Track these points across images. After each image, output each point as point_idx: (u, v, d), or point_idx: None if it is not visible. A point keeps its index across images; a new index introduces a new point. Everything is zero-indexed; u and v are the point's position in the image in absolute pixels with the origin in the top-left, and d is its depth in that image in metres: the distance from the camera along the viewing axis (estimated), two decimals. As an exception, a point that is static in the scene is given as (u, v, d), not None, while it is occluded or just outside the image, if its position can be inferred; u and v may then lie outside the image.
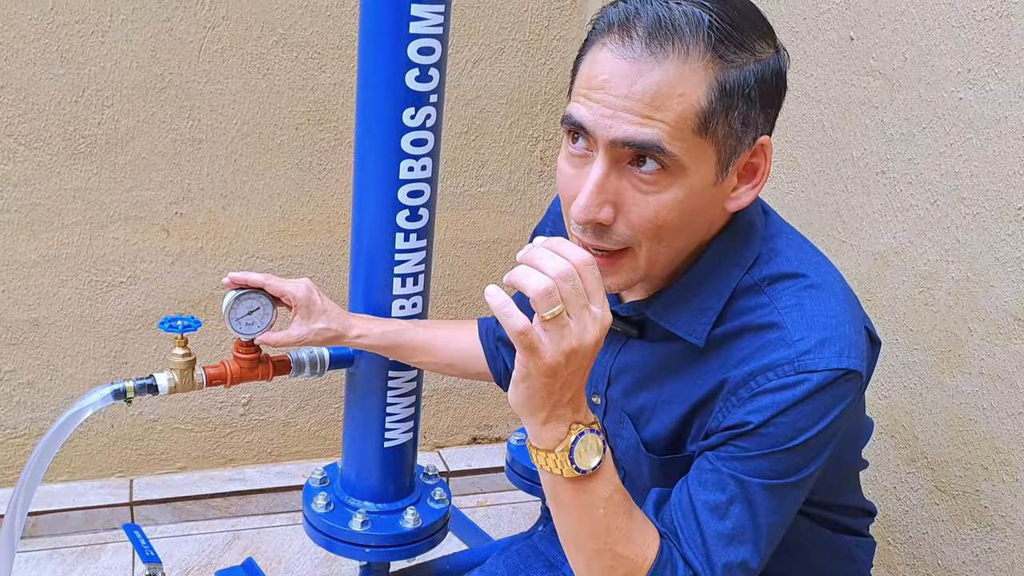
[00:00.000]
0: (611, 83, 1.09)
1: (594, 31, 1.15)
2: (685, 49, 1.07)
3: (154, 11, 2.33)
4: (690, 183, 1.11)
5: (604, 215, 1.12)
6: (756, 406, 1.15)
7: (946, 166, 1.70)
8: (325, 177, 2.58)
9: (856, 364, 1.15)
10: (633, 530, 1.16)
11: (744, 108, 1.11)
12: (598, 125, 1.09)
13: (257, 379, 1.78)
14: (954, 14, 1.67)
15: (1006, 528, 1.64)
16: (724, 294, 1.20)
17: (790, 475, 1.16)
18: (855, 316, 1.20)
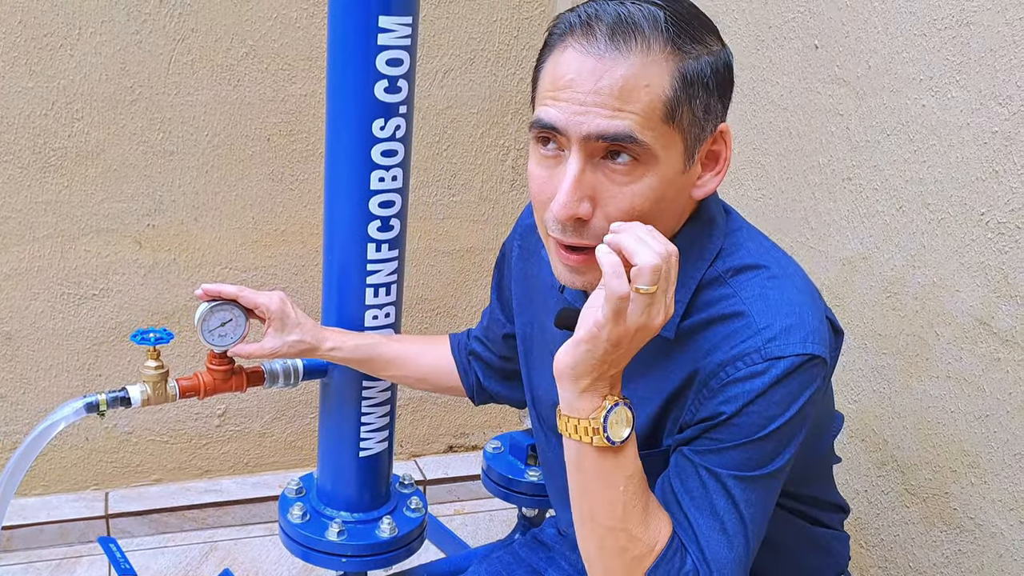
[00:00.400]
0: (578, 81, 1.12)
1: (552, 36, 1.18)
2: (647, 43, 1.12)
3: (123, 24, 2.33)
4: (662, 171, 1.15)
5: (583, 210, 1.14)
6: (727, 396, 1.17)
7: (911, 172, 1.72)
8: (297, 188, 2.59)
9: (820, 350, 1.18)
10: (649, 514, 1.18)
11: (704, 96, 1.16)
12: (570, 123, 1.12)
13: (231, 390, 1.78)
14: (915, 22, 1.69)
15: (975, 530, 1.65)
16: (690, 287, 1.23)
17: (765, 464, 1.19)
18: (816, 305, 1.23)
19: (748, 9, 2.15)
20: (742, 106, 2.18)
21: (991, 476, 1.61)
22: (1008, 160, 1.53)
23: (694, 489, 1.19)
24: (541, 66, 1.20)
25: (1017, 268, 1.53)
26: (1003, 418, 1.57)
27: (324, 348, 1.69)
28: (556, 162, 1.17)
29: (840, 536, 1.52)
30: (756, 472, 1.19)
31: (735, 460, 1.18)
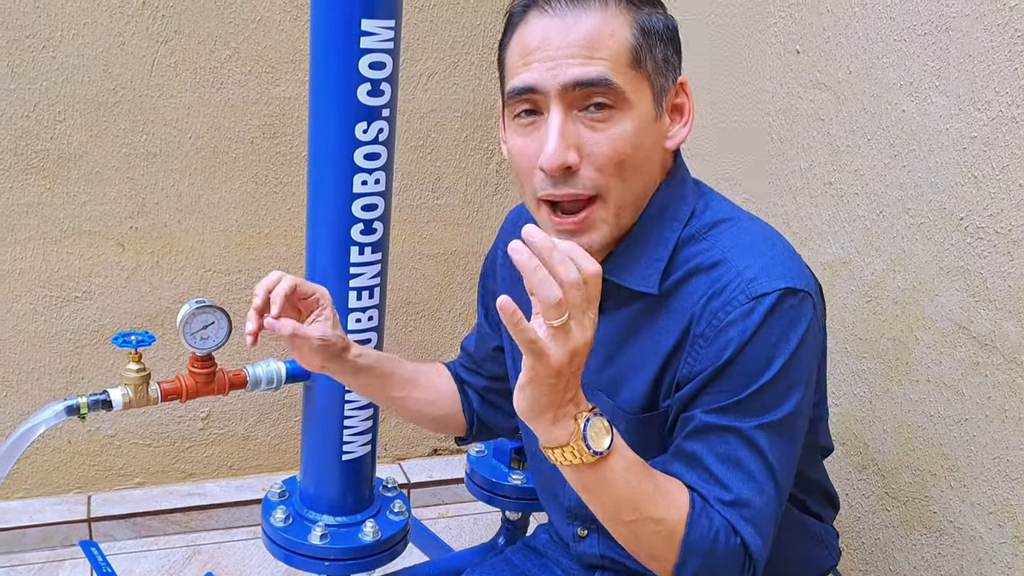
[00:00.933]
0: (547, 41, 1.20)
1: (513, 16, 1.27)
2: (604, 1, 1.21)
3: (105, 25, 2.33)
4: (637, 116, 1.22)
5: (572, 158, 1.20)
6: (721, 342, 1.20)
7: (891, 177, 1.73)
8: (281, 190, 2.58)
9: (802, 284, 1.22)
10: (659, 490, 1.19)
11: (662, 47, 1.25)
12: (546, 77, 1.19)
13: (213, 394, 1.78)
14: (895, 28, 1.70)
15: (955, 533, 1.66)
16: (669, 245, 1.28)
17: (779, 406, 1.21)
18: (791, 248, 1.29)
19: (730, 14, 2.16)
20: (725, 110, 2.19)
21: (970, 480, 1.62)
22: (987, 165, 1.54)
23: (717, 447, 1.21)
24: (505, 48, 1.28)
25: (995, 273, 1.54)
26: (982, 422, 1.58)
27: (353, 351, 1.62)
28: (535, 128, 1.23)
29: (831, 531, 1.54)
30: (772, 416, 1.21)
31: (750, 409, 1.21)
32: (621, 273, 1.30)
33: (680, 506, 1.19)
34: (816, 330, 1.24)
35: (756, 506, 1.21)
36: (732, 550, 1.19)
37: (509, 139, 1.29)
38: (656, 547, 1.20)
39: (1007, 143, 1.50)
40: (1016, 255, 1.50)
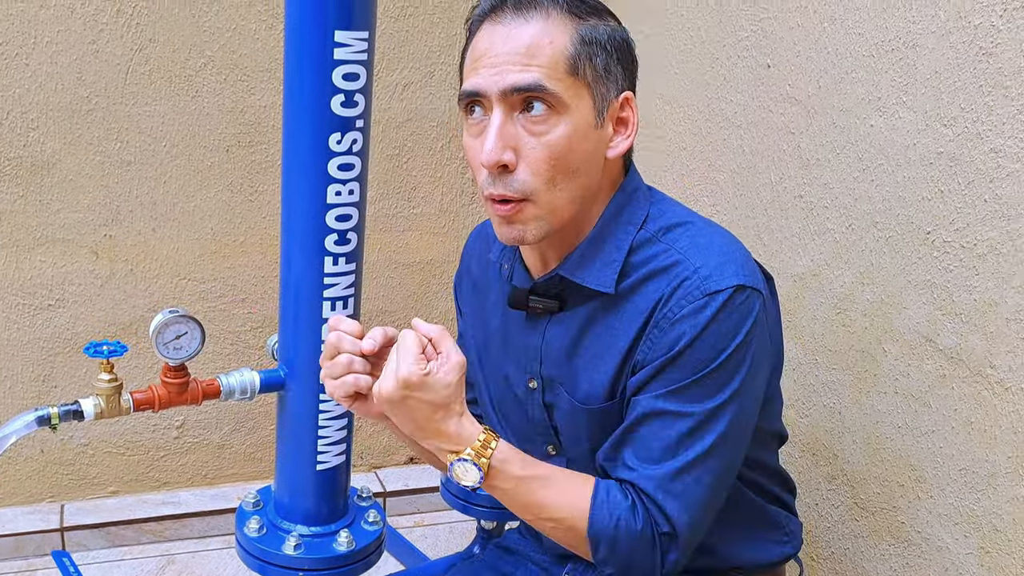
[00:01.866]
0: (491, 48, 1.29)
1: (471, 25, 1.36)
2: (546, 11, 1.29)
3: (79, 33, 2.32)
4: (574, 121, 1.29)
5: (508, 157, 1.28)
6: (676, 334, 1.29)
7: (860, 191, 1.75)
8: (257, 198, 2.58)
9: (753, 281, 1.30)
10: (552, 496, 1.33)
11: (604, 57, 1.31)
12: (489, 82, 1.28)
13: (186, 404, 1.78)
14: (864, 44, 1.72)
15: (922, 544, 1.68)
16: (623, 248, 1.36)
17: (722, 391, 1.30)
18: (743, 249, 1.36)
19: (703, 27, 2.17)
20: (697, 123, 2.21)
21: (937, 491, 1.63)
22: (953, 180, 1.56)
23: (658, 430, 1.31)
24: (464, 55, 1.37)
25: (961, 286, 1.55)
26: (948, 434, 1.60)
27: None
28: (482, 127, 1.31)
29: (793, 520, 1.58)
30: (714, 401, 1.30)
31: (694, 395, 1.29)
32: (579, 273, 1.37)
33: (579, 500, 1.32)
34: (763, 323, 1.32)
35: (685, 483, 1.30)
36: (635, 532, 1.30)
37: (463, 140, 1.37)
38: (566, 540, 1.35)
39: (972, 159, 1.52)
40: (981, 269, 1.52)
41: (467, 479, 1.29)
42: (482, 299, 1.58)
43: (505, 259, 1.49)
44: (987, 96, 1.49)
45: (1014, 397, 1.48)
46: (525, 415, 1.50)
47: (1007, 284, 1.48)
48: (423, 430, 1.29)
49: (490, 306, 1.55)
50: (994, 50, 1.48)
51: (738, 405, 1.31)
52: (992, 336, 1.51)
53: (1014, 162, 1.45)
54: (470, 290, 1.62)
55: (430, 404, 1.26)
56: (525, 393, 1.48)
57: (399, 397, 1.25)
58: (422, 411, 1.27)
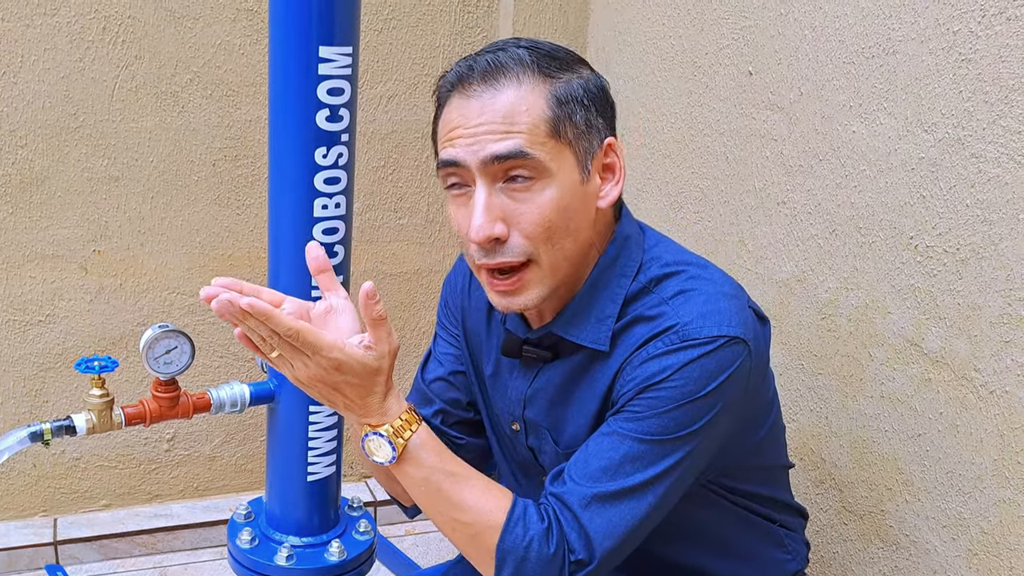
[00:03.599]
0: (464, 120, 1.26)
1: (439, 98, 1.34)
2: (517, 77, 1.27)
3: (66, 51, 2.33)
4: (559, 183, 1.27)
5: (498, 230, 1.26)
6: (648, 372, 1.27)
7: (842, 197, 1.76)
8: (244, 212, 2.59)
9: (738, 332, 1.27)
10: (465, 497, 1.29)
11: (582, 112, 1.29)
12: (467, 153, 1.25)
13: (177, 417, 1.78)
14: (844, 51, 1.73)
15: (910, 547, 1.69)
16: (617, 301, 1.33)
17: (680, 430, 1.26)
18: (736, 296, 1.33)
19: (684, 36, 2.19)
20: (680, 130, 2.22)
21: (924, 494, 1.64)
22: (935, 185, 1.57)
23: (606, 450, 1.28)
24: (436, 123, 1.35)
25: (945, 291, 1.57)
26: (935, 437, 1.61)
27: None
28: (466, 199, 1.29)
29: (795, 537, 1.58)
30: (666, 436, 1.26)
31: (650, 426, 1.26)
32: (572, 331, 1.36)
33: (494, 510, 1.28)
34: (743, 375, 1.29)
35: (614, 508, 1.27)
36: (546, 557, 1.26)
37: (448, 208, 1.35)
38: (468, 548, 1.31)
39: (953, 164, 1.53)
40: (964, 274, 1.53)
41: (379, 455, 1.28)
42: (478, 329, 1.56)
43: None
44: (967, 102, 1.51)
45: (998, 400, 1.49)
46: (516, 451, 1.52)
47: (990, 288, 1.49)
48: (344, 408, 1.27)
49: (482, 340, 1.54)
50: (973, 56, 1.49)
51: (693, 446, 1.28)
52: (976, 340, 1.52)
53: (995, 167, 1.47)
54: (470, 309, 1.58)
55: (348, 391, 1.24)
56: (511, 434, 1.49)
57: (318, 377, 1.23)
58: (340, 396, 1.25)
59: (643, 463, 1.26)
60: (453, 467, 1.31)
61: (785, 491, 1.56)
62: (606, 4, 2.55)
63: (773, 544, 1.53)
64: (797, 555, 1.57)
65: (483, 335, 1.52)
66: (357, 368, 1.22)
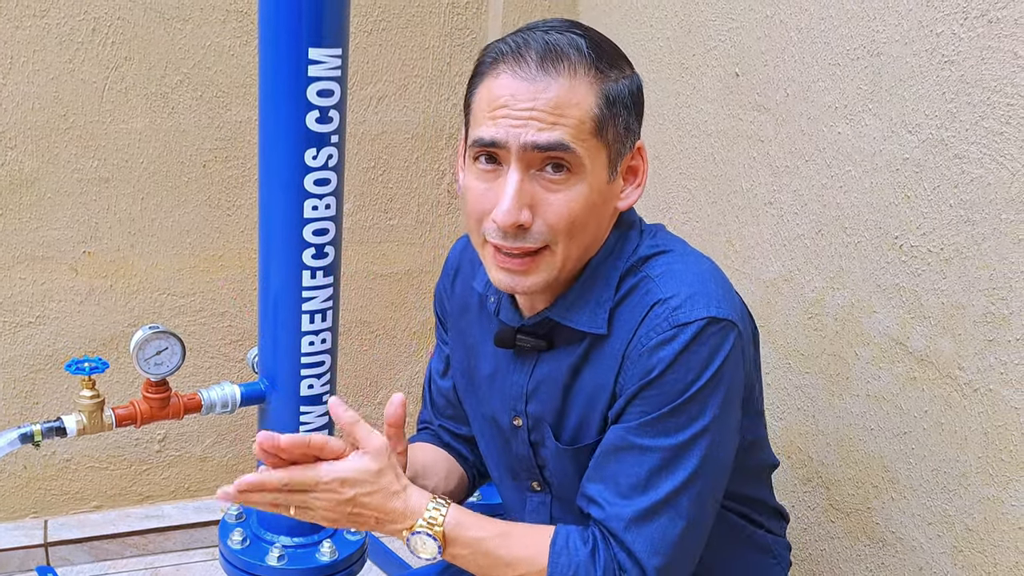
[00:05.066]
0: (514, 100, 1.23)
1: (484, 64, 1.29)
2: (573, 67, 1.24)
3: (56, 53, 2.33)
4: (590, 180, 1.26)
5: (524, 217, 1.24)
6: (645, 367, 1.26)
7: (828, 197, 1.77)
8: (234, 213, 2.60)
9: (726, 313, 1.26)
10: (512, 550, 1.30)
11: (625, 115, 1.29)
12: (509, 135, 1.23)
13: (167, 418, 1.79)
14: (830, 53, 1.75)
15: (896, 544, 1.70)
16: (612, 284, 1.34)
17: (692, 424, 1.26)
18: (722, 280, 1.33)
19: (672, 37, 2.20)
20: (668, 131, 2.23)
21: (910, 491, 1.66)
22: (919, 186, 1.59)
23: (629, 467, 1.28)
24: (473, 92, 1.30)
25: (929, 290, 1.58)
26: (920, 435, 1.63)
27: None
28: (494, 176, 1.27)
29: (781, 542, 1.57)
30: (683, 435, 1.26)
31: (665, 428, 1.26)
32: (570, 315, 1.35)
33: (538, 551, 1.30)
34: (738, 356, 1.29)
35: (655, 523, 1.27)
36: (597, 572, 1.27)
37: (467, 180, 1.32)
38: None
39: (937, 165, 1.55)
40: (948, 273, 1.55)
41: (426, 551, 1.29)
42: (465, 326, 1.55)
43: (491, 292, 1.45)
44: (950, 103, 1.52)
45: (982, 398, 1.51)
46: (510, 450, 1.49)
47: (974, 287, 1.51)
48: (376, 524, 1.30)
49: (475, 332, 1.52)
50: (956, 58, 1.51)
51: (710, 439, 1.27)
52: (960, 339, 1.54)
53: (977, 167, 1.48)
54: (457, 312, 1.58)
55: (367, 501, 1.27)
56: (510, 429, 1.46)
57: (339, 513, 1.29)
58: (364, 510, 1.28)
59: (669, 470, 1.26)
60: (492, 530, 1.31)
61: (768, 492, 1.56)
62: (594, 6, 2.57)
63: (757, 549, 1.53)
64: (782, 559, 1.57)
65: (477, 336, 1.51)
66: (360, 476, 1.26)
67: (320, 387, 1.89)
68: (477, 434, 1.58)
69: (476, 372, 1.52)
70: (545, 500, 1.47)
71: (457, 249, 1.60)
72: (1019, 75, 1.41)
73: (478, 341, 1.51)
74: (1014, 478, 1.47)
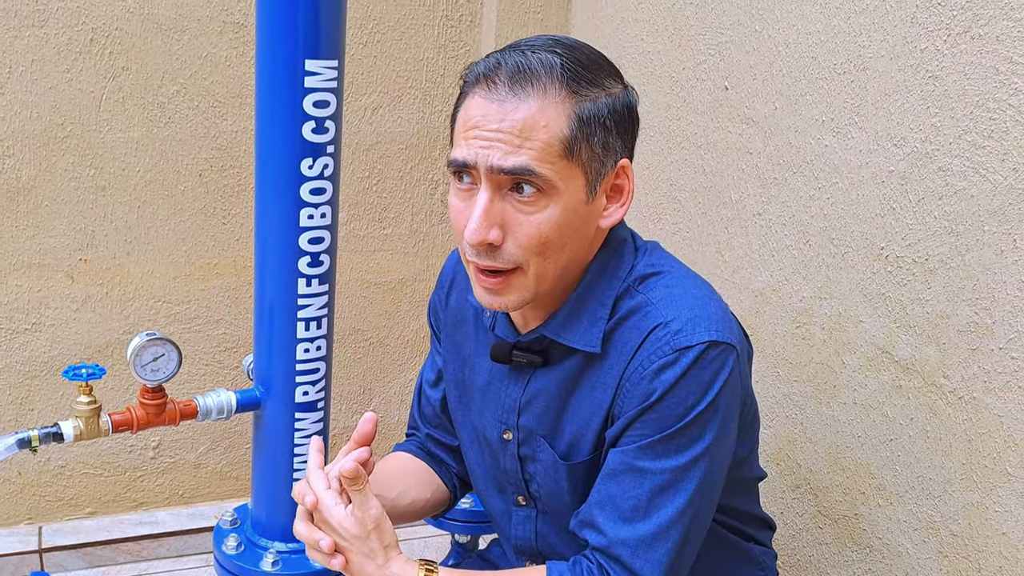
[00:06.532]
0: (483, 122, 1.24)
1: (465, 84, 1.31)
2: (543, 88, 1.23)
3: (54, 62, 2.36)
4: (564, 202, 1.25)
5: (493, 236, 1.25)
6: (647, 389, 1.27)
7: (816, 208, 1.80)
8: (230, 221, 2.62)
9: (726, 336, 1.27)
10: None
11: (602, 135, 1.27)
12: (477, 157, 1.24)
13: (164, 424, 1.81)
14: (817, 66, 1.77)
15: (883, 549, 1.72)
16: (607, 304, 1.34)
17: (693, 447, 1.27)
18: (719, 302, 1.35)
19: (662, 51, 2.22)
20: (658, 144, 2.26)
21: (896, 498, 1.68)
22: (904, 198, 1.61)
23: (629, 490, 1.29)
24: (456, 111, 1.32)
25: (914, 300, 1.61)
26: (906, 442, 1.65)
27: None
28: (471, 194, 1.28)
29: (768, 553, 1.59)
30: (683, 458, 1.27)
31: (664, 451, 1.27)
32: (564, 333, 1.35)
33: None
34: (736, 379, 1.30)
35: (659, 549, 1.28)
36: None
37: (450, 197, 1.33)
38: None
39: (922, 177, 1.58)
40: (933, 283, 1.57)
41: None
42: (461, 339, 1.55)
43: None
44: (934, 117, 1.55)
45: (967, 406, 1.53)
46: (497, 464, 1.49)
47: (958, 297, 1.53)
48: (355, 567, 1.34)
49: (471, 349, 1.53)
50: (939, 73, 1.54)
51: (709, 460, 1.28)
52: (944, 347, 1.56)
53: (961, 180, 1.51)
54: (450, 325, 1.58)
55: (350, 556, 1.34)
56: (499, 443, 1.47)
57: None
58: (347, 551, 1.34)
59: (671, 492, 1.28)
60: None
61: (756, 504, 1.58)
62: (586, 20, 2.59)
63: (746, 561, 1.55)
64: (769, 571, 1.58)
65: (472, 348, 1.52)
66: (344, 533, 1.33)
67: (315, 394, 1.91)
68: (465, 446, 1.58)
69: (470, 384, 1.52)
70: (531, 515, 1.48)
71: (452, 261, 1.61)
72: (1001, 90, 1.44)
73: (473, 353, 1.52)
74: (997, 484, 1.49)
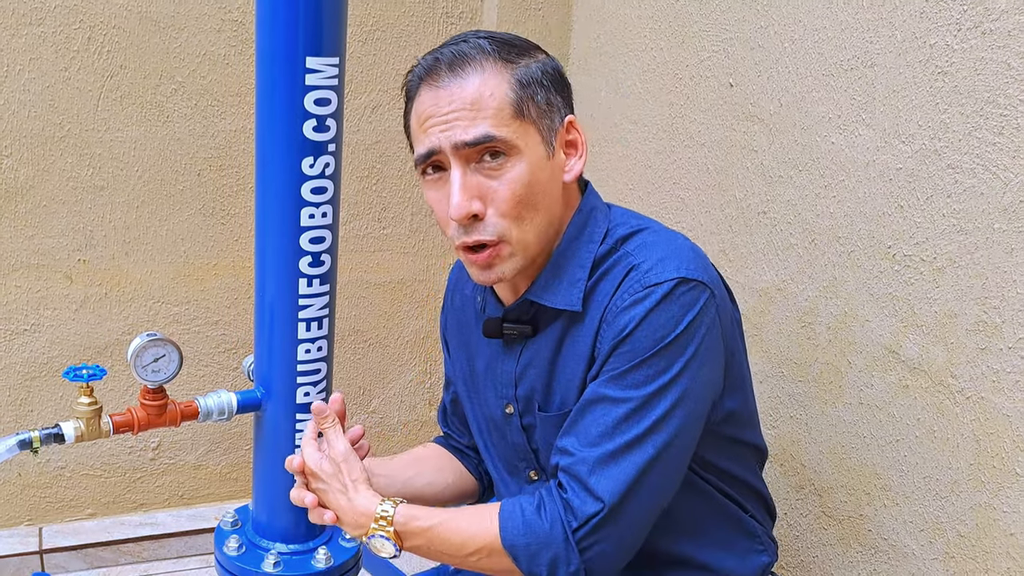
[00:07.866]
0: (436, 108, 1.36)
1: (410, 90, 1.43)
2: (480, 65, 1.36)
3: (51, 61, 2.34)
4: (528, 159, 1.35)
5: (476, 207, 1.34)
6: (620, 325, 1.34)
7: (821, 207, 1.79)
8: (229, 221, 2.60)
9: (698, 275, 1.34)
10: (463, 529, 1.38)
11: (543, 93, 1.38)
12: (441, 139, 1.34)
13: (164, 425, 1.79)
14: (823, 63, 1.76)
15: (888, 550, 1.71)
16: (586, 265, 1.42)
17: (660, 376, 1.32)
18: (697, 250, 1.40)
19: (666, 48, 2.21)
20: (662, 141, 2.24)
21: (902, 499, 1.67)
22: (912, 196, 1.60)
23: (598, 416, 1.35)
24: (408, 117, 1.44)
25: (922, 299, 1.60)
26: (912, 443, 1.64)
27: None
28: (443, 182, 1.38)
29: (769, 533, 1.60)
30: (652, 386, 1.32)
31: (634, 380, 1.33)
32: (546, 295, 1.43)
33: (488, 521, 1.37)
34: (712, 317, 1.35)
35: (617, 464, 1.32)
36: (544, 532, 1.33)
37: (425, 195, 1.44)
38: (498, 568, 1.38)
39: (930, 174, 1.56)
40: (941, 282, 1.56)
41: (385, 551, 1.38)
42: (466, 335, 1.63)
43: (478, 292, 1.56)
44: (943, 114, 1.54)
45: (974, 406, 1.52)
46: (506, 441, 1.55)
47: (966, 296, 1.52)
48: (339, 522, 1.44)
49: (474, 340, 1.60)
50: (949, 69, 1.52)
51: (679, 392, 1.33)
52: (952, 347, 1.55)
53: (970, 177, 1.50)
54: (455, 327, 1.67)
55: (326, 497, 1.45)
56: (503, 419, 1.53)
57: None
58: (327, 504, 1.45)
59: (636, 418, 1.32)
60: (442, 516, 1.39)
61: (756, 478, 1.59)
62: (588, 16, 2.58)
63: (745, 534, 1.56)
64: (768, 548, 1.59)
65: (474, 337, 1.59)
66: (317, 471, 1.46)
67: (316, 395, 1.89)
68: (477, 437, 1.64)
69: (474, 371, 1.60)
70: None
71: (454, 270, 1.70)
72: (1012, 86, 1.43)
73: (475, 342, 1.59)
74: (1005, 485, 1.48)
